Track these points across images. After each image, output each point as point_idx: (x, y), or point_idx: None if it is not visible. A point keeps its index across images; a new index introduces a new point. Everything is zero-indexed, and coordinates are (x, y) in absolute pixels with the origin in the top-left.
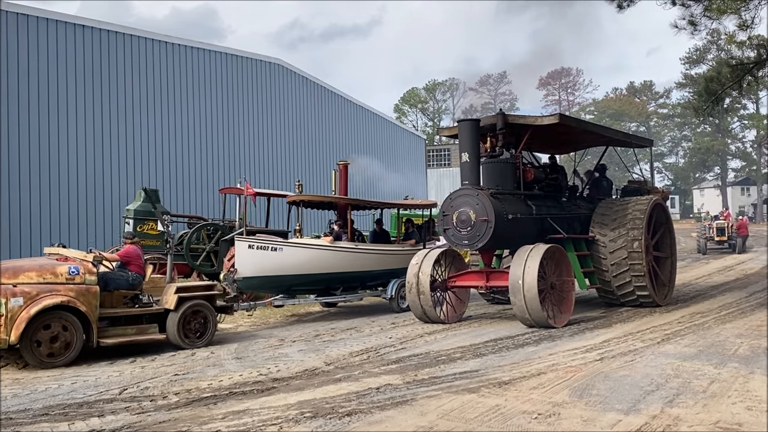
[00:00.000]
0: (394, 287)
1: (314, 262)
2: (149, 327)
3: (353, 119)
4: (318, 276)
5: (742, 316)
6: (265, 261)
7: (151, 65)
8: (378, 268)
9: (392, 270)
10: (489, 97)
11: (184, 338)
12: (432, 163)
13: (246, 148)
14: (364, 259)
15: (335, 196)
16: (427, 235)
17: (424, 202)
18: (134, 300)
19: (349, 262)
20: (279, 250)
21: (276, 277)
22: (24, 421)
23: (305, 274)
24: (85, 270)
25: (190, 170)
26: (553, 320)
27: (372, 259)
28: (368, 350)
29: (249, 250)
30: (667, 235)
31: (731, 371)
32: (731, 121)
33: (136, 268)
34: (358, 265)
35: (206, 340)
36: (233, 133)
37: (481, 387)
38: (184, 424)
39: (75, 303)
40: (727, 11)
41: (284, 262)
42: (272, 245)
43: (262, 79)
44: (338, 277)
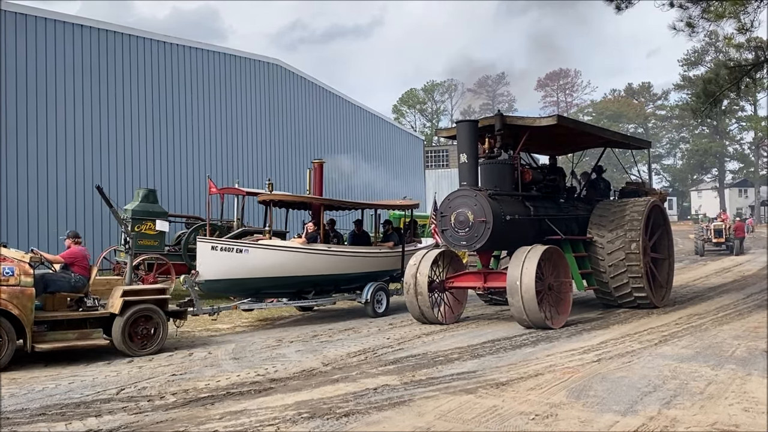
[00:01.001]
0: (370, 291)
1: (284, 265)
2: (93, 332)
3: (352, 120)
4: (288, 279)
5: (739, 318)
6: (230, 263)
7: (150, 65)
8: (353, 271)
9: (369, 273)
10: (487, 98)
11: (130, 344)
12: (430, 163)
13: (244, 148)
14: (338, 261)
15: (308, 196)
16: (408, 237)
17: (404, 202)
18: (79, 303)
19: (321, 264)
20: (245, 252)
21: (242, 280)
22: (21, 421)
23: (274, 277)
24: (21, 271)
25: (188, 170)
26: (550, 321)
27: (347, 261)
28: (366, 351)
29: (212, 252)
30: (664, 237)
31: (728, 373)
32: (729, 123)
33: (79, 269)
34: (331, 268)
35: (154, 348)
36: (231, 133)
37: (479, 388)
38: (181, 425)
39: (7, 306)
40: (726, 15)
41: (251, 264)
42: (238, 247)
43: (260, 79)
44: (310, 280)
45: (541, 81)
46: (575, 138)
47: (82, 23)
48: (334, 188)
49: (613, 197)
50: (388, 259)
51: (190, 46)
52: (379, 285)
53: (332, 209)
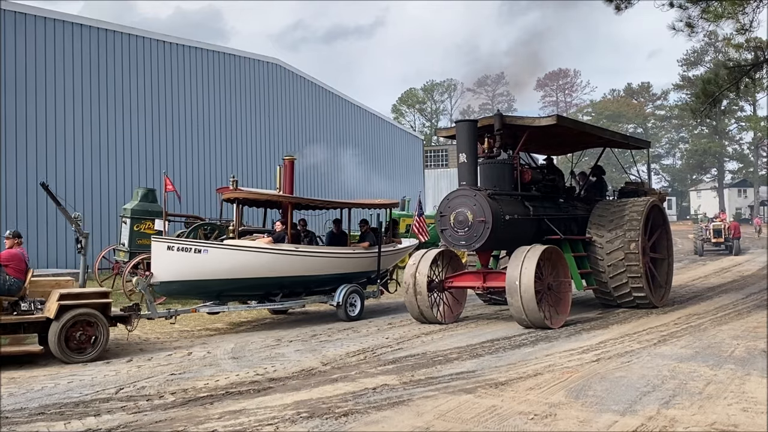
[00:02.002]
0: (342, 293)
1: (247, 266)
2: (26, 337)
3: (351, 119)
4: (252, 281)
5: (738, 318)
6: (187, 264)
7: (150, 64)
8: (325, 273)
9: (343, 274)
10: (487, 98)
11: (66, 350)
12: (429, 163)
13: (244, 147)
14: (306, 262)
15: (274, 194)
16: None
17: (383, 201)
18: (14, 307)
19: (288, 265)
20: (204, 252)
21: (201, 282)
22: (20, 420)
23: (237, 279)
24: None
25: (188, 169)
26: (549, 321)
27: (317, 262)
28: (365, 350)
29: (168, 252)
30: (664, 237)
31: (727, 373)
32: (728, 123)
33: (13, 271)
34: (300, 269)
35: (93, 354)
36: (232, 132)
37: (478, 388)
38: (180, 424)
39: None
40: (725, 15)
41: (211, 265)
42: (196, 247)
43: (260, 78)
44: (277, 282)
45: (541, 81)
46: (575, 138)
47: (81, 22)
48: (334, 187)
49: (612, 197)
50: (364, 260)
51: (190, 46)
52: (353, 287)
53: (303, 208)
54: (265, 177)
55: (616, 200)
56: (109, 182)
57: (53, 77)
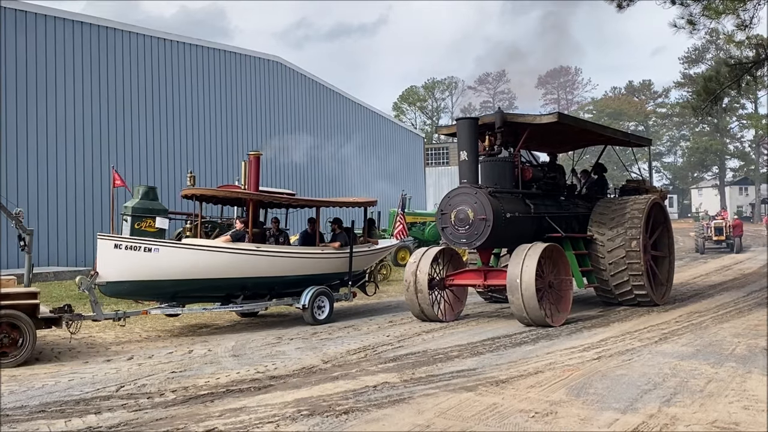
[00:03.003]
0: (309, 295)
1: (203, 266)
2: None
3: (352, 117)
4: (209, 282)
5: (739, 316)
6: (136, 263)
7: (150, 62)
8: (291, 274)
9: (312, 276)
10: (488, 95)
11: None
12: (430, 161)
13: (245, 146)
14: (270, 263)
15: (236, 191)
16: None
17: (358, 199)
18: None
19: (250, 266)
20: (155, 250)
21: (152, 282)
22: (21, 418)
23: (192, 279)
24: None
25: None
26: (550, 319)
27: (282, 263)
28: (366, 348)
29: (115, 251)
30: (665, 235)
31: (728, 371)
32: (730, 121)
33: None
34: (263, 270)
35: (19, 359)
36: (232, 130)
37: (479, 385)
38: (181, 422)
39: None
40: (726, 12)
41: (162, 265)
42: (146, 245)
43: (261, 76)
44: (237, 284)
45: (542, 78)
46: (576, 136)
47: (82, 20)
48: (335, 185)
49: (613, 195)
50: (336, 262)
51: (191, 43)
52: (321, 289)
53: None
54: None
55: (617, 198)
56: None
57: (54, 74)
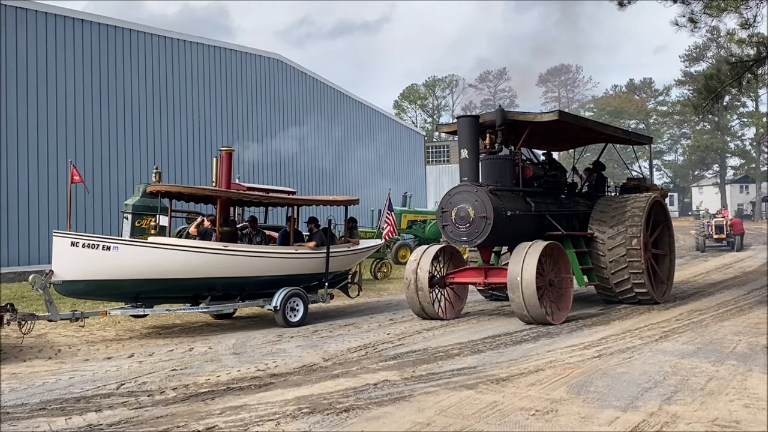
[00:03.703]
0: (281, 297)
1: (165, 265)
2: None
3: (352, 115)
4: (173, 282)
5: (740, 314)
6: (94, 262)
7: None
8: (263, 274)
9: (286, 276)
10: (488, 93)
11: None
12: (431, 159)
13: (246, 144)
14: (240, 263)
15: (205, 188)
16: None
17: (338, 198)
18: None
19: (218, 266)
20: (114, 249)
21: (111, 282)
22: (21, 416)
23: (154, 280)
24: None
25: (189, 165)
26: (551, 317)
27: (253, 263)
28: (366, 346)
29: (72, 249)
30: (665, 233)
31: (729, 369)
32: (730, 119)
33: None
34: (232, 270)
35: None
36: (233, 128)
37: (479, 383)
38: (181, 420)
39: None
40: (728, 9)
41: (122, 264)
42: (104, 243)
43: (261, 74)
44: (204, 284)
45: (543, 76)
46: (576, 134)
47: (83, 18)
48: (335, 183)
49: (614, 193)
50: (312, 262)
51: (191, 41)
52: (294, 291)
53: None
54: (266, 173)
55: (618, 196)
56: (110, 178)
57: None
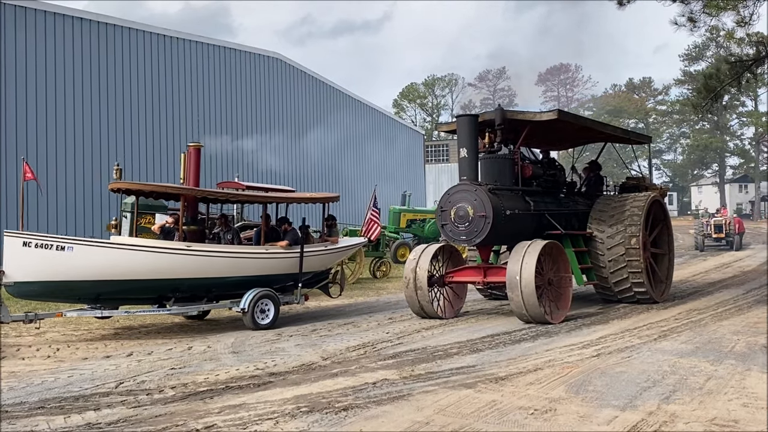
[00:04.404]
0: (249, 298)
1: (125, 266)
2: None
3: (352, 114)
4: (134, 283)
5: (739, 313)
6: (48, 263)
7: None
8: (231, 275)
9: (255, 277)
10: (488, 92)
11: None
12: (430, 158)
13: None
14: (205, 263)
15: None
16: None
17: (316, 195)
18: None
19: (181, 266)
20: (69, 249)
21: (67, 283)
22: (20, 415)
23: (113, 281)
24: None
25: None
26: (550, 316)
27: (219, 263)
28: (365, 345)
29: (24, 249)
30: (664, 232)
31: (728, 368)
32: (730, 118)
33: None
34: (197, 271)
35: None
36: (232, 126)
37: (478, 382)
38: (180, 418)
39: None
40: (726, 8)
41: (78, 265)
42: (58, 243)
43: (261, 73)
44: (168, 285)
45: (542, 76)
46: (576, 133)
47: (82, 16)
48: (335, 183)
49: (613, 192)
50: (285, 262)
51: (191, 40)
52: (264, 292)
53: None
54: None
55: (617, 195)
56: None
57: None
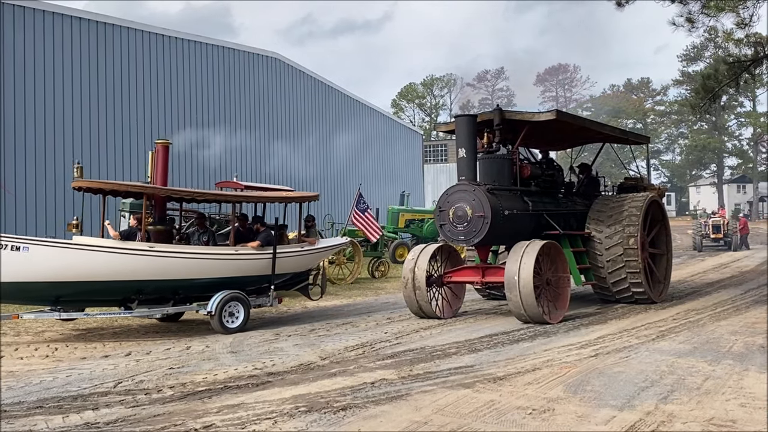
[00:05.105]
0: (216, 301)
1: (84, 268)
2: None
3: (351, 114)
4: (95, 285)
5: (737, 313)
6: (2, 263)
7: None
8: (199, 277)
9: (227, 279)
10: (486, 92)
11: None
12: (429, 158)
13: (245, 143)
14: (169, 264)
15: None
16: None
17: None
18: None
19: (144, 268)
20: (24, 249)
21: (22, 284)
22: (18, 414)
23: (72, 282)
24: None
25: (187, 164)
26: (548, 316)
27: (185, 265)
28: (363, 345)
29: None
30: (662, 232)
31: (726, 368)
32: (728, 119)
33: None
34: (161, 273)
35: None
36: (231, 125)
37: (476, 382)
38: (178, 418)
39: None
40: (725, 9)
41: (35, 265)
42: (13, 243)
43: (260, 73)
44: (131, 287)
45: (540, 76)
46: (574, 133)
47: (81, 16)
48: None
49: (611, 192)
50: (258, 263)
51: (190, 40)
52: (232, 294)
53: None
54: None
55: (616, 196)
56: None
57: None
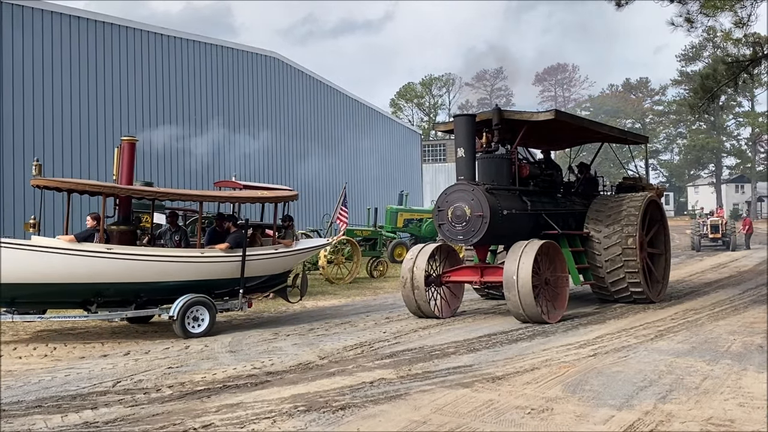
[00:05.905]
0: (179, 306)
1: (37, 269)
2: None
3: (350, 114)
4: (51, 287)
5: (735, 313)
6: None
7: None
8: (162, 280)
9: (193, 282)
10: (485, 92)
11: None
12: (427, 158)
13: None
14: (130, 267)
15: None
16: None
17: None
18: None
19: (102, 270)
20: None
21: None
22: (17, 414)
23: (27, 284)
24: None
25: (187, 163)
26: (547, 316)
27: (146, 267)
28: (362, 344)
29: None
30: (661, 232)
31: (724, 368)
32: (726, 119)
33: None
34: (121, 275)
35: None
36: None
37: (475, 382)
38: (177, 417)
39: None
40: (723, 8)
41: None
42: None
43: (259, 72)
44: (87, 289)
45: (539, 75)
46: (573, 133)
47: (80, 15)
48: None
49: (610, 192)
50: (228, 266)
51: (189, 39)
52: (197, 298)
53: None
54: (263, 171)
55: (614, 195)
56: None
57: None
